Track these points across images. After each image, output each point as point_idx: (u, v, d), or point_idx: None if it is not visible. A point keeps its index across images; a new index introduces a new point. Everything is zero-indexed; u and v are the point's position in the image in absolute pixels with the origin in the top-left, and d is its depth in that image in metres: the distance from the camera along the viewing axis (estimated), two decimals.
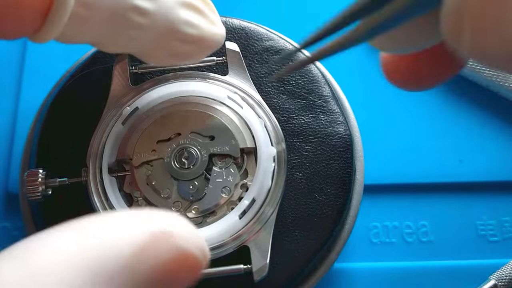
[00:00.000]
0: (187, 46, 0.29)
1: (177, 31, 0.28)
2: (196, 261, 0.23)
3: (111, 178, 0.32)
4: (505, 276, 0.35)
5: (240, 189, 0.32)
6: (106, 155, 0.32)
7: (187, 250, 0.22)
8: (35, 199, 0.31)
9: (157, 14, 0.27)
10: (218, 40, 0.31)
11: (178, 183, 0.31)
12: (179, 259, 0.22)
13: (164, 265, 0.22)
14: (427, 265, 0.37)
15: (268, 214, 0.30)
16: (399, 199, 0.39)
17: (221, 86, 0.33)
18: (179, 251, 0.22)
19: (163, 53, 0.29)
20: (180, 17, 0.28)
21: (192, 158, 0.32)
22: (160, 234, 0.22)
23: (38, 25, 0.25)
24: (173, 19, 0.28)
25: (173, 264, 0.22)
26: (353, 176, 0.34)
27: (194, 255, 0.22)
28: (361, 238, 0.38)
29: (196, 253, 0.23)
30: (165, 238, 0.22)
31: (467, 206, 0.39)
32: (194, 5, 0.29)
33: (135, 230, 0.21)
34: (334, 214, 0.32)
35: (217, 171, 0.32)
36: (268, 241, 0.30)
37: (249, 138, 0.32)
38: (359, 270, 0.37)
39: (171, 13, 0.28)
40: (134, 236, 0.21)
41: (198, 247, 0.23)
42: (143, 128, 0.32)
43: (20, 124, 0.41)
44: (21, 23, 0.25)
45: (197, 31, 0.29)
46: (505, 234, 0.38)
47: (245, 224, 0.30)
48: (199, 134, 0.32)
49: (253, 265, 0.29)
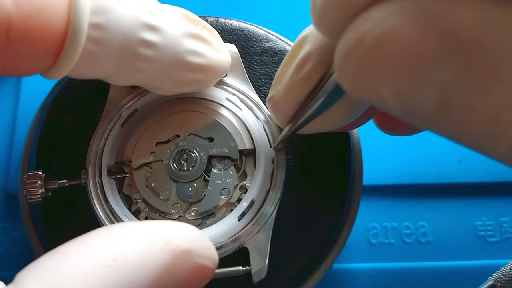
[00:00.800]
0: (194, 75, 0.30)
1: (184, 61, 0.29)
2: (209, 272, 0.25)
3: (110, 180, 0.32)
4: (504, 276, 0.35)
5: (239, 190, 0.32)
6: (106, 157, 0.32)
7: (204, 265, 0.25)
8: (35, 201, 0.31)
9: (164, 46, 0.28)
10: (224, 67, 0.31)
11: (177, 185, 0.32)
12: (198, 275, 0.24)
13: (184, 281, 0.24)
14: (426, 265, 0.38)
15: (267, 216, 0.30)
16: (398, 200, 0.39)
17: (220, 88, 0.33)
18: (198, 267, 0.24)
19: (171, 83, 0.30)
20: (187, 47, 0.29)
21: (191, 160, 0.32)
22: (180, 253, 0.24)
23: (51, 63, 0.26)
24: (180, 50, 0.28)
25: (191, 279, 0.24)
26: (352, 177, 0.34)
27: (208, 268, 0.25)
28: (360, 239, 0.38)
29: (210, 265, 0.25)
30: (186, 257, 0.24)
31: (466, 207, 0.39)
32: (199, 35, 0.29)
33: (157, 249, 0.23)
34: (333, 215, 0.32)
35: (216, 172, 0.32)
36: (267, 242, 0.30)
37: (248, 139, 0.32)
38: (358, 271, 0.37)
39: (177, 45, 0.28)
40: (157, 257, 0.23)
41: (212, 260, 0.25)
42: (142, 130, 0.32)
43: (19, 124, 0.41)
44: (34, 62, 0.26)
45: (204, 60, 0.30)
46: (504, 235, 0.38)
47: (244, 225, 0.30)
48: (198, 135, 0.32)
49: (252, 266, 0.29)
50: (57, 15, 0.25)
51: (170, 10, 0.29)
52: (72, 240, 0.24)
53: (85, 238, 0.24)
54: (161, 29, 0.27)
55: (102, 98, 0.33)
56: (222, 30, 0.36)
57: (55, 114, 0.34)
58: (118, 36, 0.26)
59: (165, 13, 0.28)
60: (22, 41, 0.24)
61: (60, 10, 0.25)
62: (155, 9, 0.28)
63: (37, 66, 0.26)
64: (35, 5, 0.24)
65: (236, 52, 0.33)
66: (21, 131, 0.41)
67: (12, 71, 0.26)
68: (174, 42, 0.28)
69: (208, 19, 0.36)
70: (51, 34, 0.25)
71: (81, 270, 0.22)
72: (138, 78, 0.29)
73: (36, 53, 0.25)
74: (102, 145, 0.32)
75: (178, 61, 0.29)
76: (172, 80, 0.29)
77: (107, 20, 0.26)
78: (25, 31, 0.24)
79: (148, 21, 0.27)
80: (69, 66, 0.26)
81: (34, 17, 0.24)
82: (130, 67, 0.28)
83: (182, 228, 0.25)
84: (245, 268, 0.30)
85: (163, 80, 0.29)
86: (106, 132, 0.32)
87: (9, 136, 0.41)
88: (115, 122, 0.32)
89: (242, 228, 0.30)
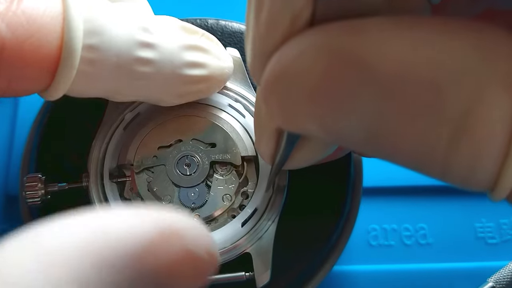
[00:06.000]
0: (196, 86, 0.30)
1: (184, 75, 0.29)
2: (204, 265, 0.23)
3: (112, 183, 0.32)
4: (503, 278, 0.35)
5: (241, 196, 0.32)
6: (108, 161, 0.32)
7: (196, 253, 0.23)
8: (35, 204, 0.31)
9: (161, 61, 0.28)
10: (226, 74, 0.31)
11: (179, 190, 0.31)
12: (186, 262, 0.22)
13: (170, 264, 0.22)
14: (425, 267, 0.38)
15: (270, 222, 0.30)
16: (398, 201, 0.39)
17: (223, 93, 0.33)
18: (187, 253, 0.22)
19: (173, 96, 0.30)
20: (185, 60, 0.29)
21: (193, 165, 0.32)
22: (169, 234, 0.22)
23: (47, 83, 0.26)
24: (178, 64, 0.28)
25: (179, 265, 0.22)
26: (352, 179, 0.34)
27: (202, 259, 0.23)
28: (360, 241, 0.39)
29: (205, 257, 0.23)
30: (175, 238, 0.22)
31: (465, 209, 0.39)
32: (197, 45, 0.29)
33: (144, 225, 0.22)
34: (333, 218, 0.32)
35: (218, 178, 0.32)
36: (270, 248, 0.30)
37: (250, 146, 0.32)
38: (358, 273, 0.38)
39: (175, 58, 0.28)
40: (144, 232, 0.22)
41: (208, 251, 0.23)
42: (144, 134, 0.32)
43: (19, 125, 0.41)
44: (29, 83, 0.26)
45: (204, 70, 0.30)
46: (504, 237, 0.38)
47: (246, 231, 0.30)
48: (200, 141, 0.32)
49: (255, 272, 0.30)
50: (51, 37, 0.25)
51: (166, 23, 0.29)
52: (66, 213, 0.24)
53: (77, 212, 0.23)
54: (156, 45, 0.27)
55: (103, 101, 0.33)
56: (223, 33, 0.35)
57: (55, 116, 0.34)
58: (113, 56, 0.26)
59: (161, 27, 0.28)
60: (15, 63, 0.25)
61: (54, 33, 0.25)
62: (150, 24, 0.28)
63: (32, 87, 0.27)
64: (28, 28, 0.24)
65: (238, 57, 0.33)
66: (21, 132, 0.40)
67: (7, 92, 0.26)
68: (172, 57, 0.28)
69: (208, 21, 0.36)
70: (45, 56, 0.25)
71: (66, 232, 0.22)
72: (138, 94, 0.29)
73: (30, 74, 0.26)
74: (104, 148, 0.32)
75: (177, 75, 0.29)
76: (174, 93, 0.29)
77: (101, 42, 0.26)
78: (19, 53, 0.25)
79: (143, 39, 0.27)
80: (65, 87, 0.26)
81: (27, 40, 0.25)
82: (128, 86, 0.28)
83: (179, 213, 0.24)
84: (248, 273, 0.30)
85: (164, 94, 0.29)
86: (108, 135, 0.32)
87: (9, 137, 0.40)
88: (117, 125, 0.32)
89: (244, 233, 0.30)
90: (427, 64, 0.16)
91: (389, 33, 0.16)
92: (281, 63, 0.17)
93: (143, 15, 0.28)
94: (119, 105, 0.33)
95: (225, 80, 0.32)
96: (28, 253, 0.21)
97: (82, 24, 0.25)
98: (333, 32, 0.17)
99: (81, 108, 0.34)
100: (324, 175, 0.33)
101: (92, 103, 0.33)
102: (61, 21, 0.25)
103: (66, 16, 0.25)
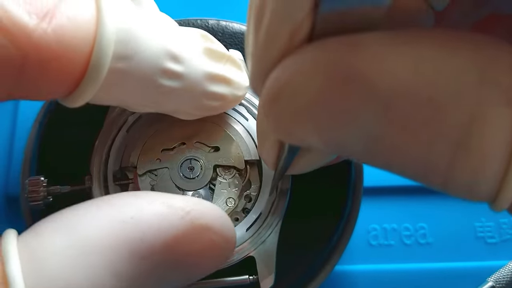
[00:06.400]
0: (210, 111, 0.31)
1: (202, 104, 0.29)
2: (224, 252, 0.26)
3: (115, 186, 0.31)
4: (503, 278, 0.35)
5: (244, 199, 0.32)
6: (111, 163, 0.32)
7: (219, 243, 0.26)
8: (37, 207, 0.31)
9: (183, 90, 0.28)
10: (241, 99, 0.32)
11: (183, 193, 0.31)
12: (210, 251, 0.25)
13: (198, 254, 0.25)
14: (425, 267, 0.38)
15: (273, 225, 0.31)
16: (398, 201, 0.40)
17: None
18: (212, 243, 0.25)
19: (187, 115, 0.30)
20: (207, 90, 0.29)
21: (197, 168, 0.32)
22: (199, 226, 0.25)
23: (68, 93, 0.26)
24: (200, 93, 0.29)
25: (204, 254, 0.25)
26: (353, 179, 0.34)
27: (223, 247, 0.26)
28: (360, 241, 0.39)
29: (226, 245, 0.26)
30: (204, 230, 0.25)
31: (465, 208, 0.39)
32: (221, 76, 0.29)
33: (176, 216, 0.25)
34: (334, 220, 0.32)
35: (222, 181, 0.32)
36: (273, 251, 0.30)
37: (253, 150, 0.32)
38: (358, 272, 0.38)
39: (198, 88, 0.28)
40: (175, 222, 0.24)
41: (229, 239, 0.26)
42: (148, 136, 0.32)
43: (19, 126, 0.41)
44: (49, 94, 0.26)
45: (223, 101, 0.30)
46: (504, 236, 0.39)
47: (250, 235, 0.30)
48: (204, 144, 0.32)
49: (259, 276, 0.30)
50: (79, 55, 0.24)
51: (193, 44, 0.29)
52: (93, 199, 0.26)
53: (106, 197, 0.26)
54: (182, 74, 0.27)
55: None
56: (223, 33, 0.35)
57: (56, 118, 0.34)
58: (136, 80, 0.26)
59: (188, 51, 0.28)
60: (36, 81, 0.24)
61: (83, 50, 0.24)
62: (178, 48, 0.27)
63: (50, 97, 0.26)
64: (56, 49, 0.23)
65: (241, 59, 0.33)
66: (21, 132, 0.40)
67: (24, 98, 0.26)
68: (195, 86, 0.28)
69: (209, 21, 0.36)
70: (69, 75, 0.25)
71: (98, 222, 0.24)
72: (155, 109, 0.29)
73: (50, 89, 0.25)
74: (107, 150, 0.32)
75: (196, 103, 0.29)
76: (188, 114, 0.30)
77: (127, 66, 0.26)
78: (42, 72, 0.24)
79: (169, 67, 0.27)
80: (85, 99, 0.26)
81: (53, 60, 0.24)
82: (146, 105, 0.28)
83: (206, 204, 0.26)
84: (252, 277, 0.30)
85: (180, 113, 0.30)
86: (111, 138, 0.32)
87: (9, 138, 0.40)
88: (120, 127, 0.32)
89: (248, 237, 0.30)
90: (427, 82, 0.16)
91: (389, 48, 0.16)
92: (279, 80, 0.17)
93: (172, 33, 0.28)
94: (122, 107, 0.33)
95: (238, 103, 0.32)
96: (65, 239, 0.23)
97: (112, 48, 0.25)
98: (331, 47, 0.17)
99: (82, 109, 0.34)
100: (325, 178, 0.33)
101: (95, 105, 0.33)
102: (92, 41, 0.24)
103: (98, 38, 0.24)
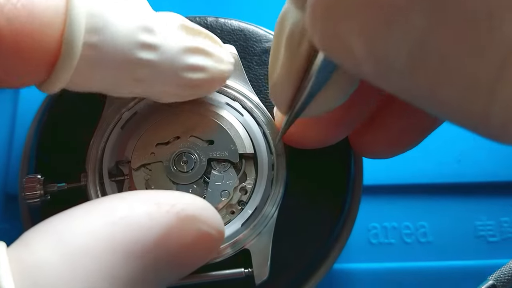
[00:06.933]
0: (195, 88, 0.30)
1: (184, 77, 0.29)
2: (214, 242, 0.26)
3: (111, 183, 0.31)
4: (504, 276, 0.35)
5: (239, 192, 0.31)
6: (106, 160, 0.32)
7: (207, 232, 0.25)
8: (34, 204, 0.31)
9: (161, 63, 0.28)
10: (226, 75, 0.31)
11: (177, 186, 0.31)
12: (200, 241, 0.25)
13: (188, 245, 0.25)
14: (426, 265, 0.38)
15: (268, 218, 0.30)
16: (398, 199, 0.39)
17: (220, 92, 0.33)
18: (201, 233, 0.25)
19: (171, 95, 0.30)
20: (186, 63, 0.28)
21: (191, 162, 0.32)
22: (185, 217, 0.25)
23: (45, 77, 0.26)
24: (179, 67, 0.28)
25: (195, 245, 0.25)
26: (352, 177, 0.34)
27: (213, 237, 0.26)
28: (360, 239, 0.39)
29: (214, 234, 0.26)
30: (190, 221, 0.25)
31: (466, 207, 0.39)
32: (199, 48, 0.29)
33: (162, 211, 0.24)
34: (333, 216, 0.32)
35: (216, 174, 0.32)
36: (269, 244, 0.30)
37: (249, 143, 0.32)
38: (358, 271, 0.38)
39: (176, 61, 0.28)
40: (162, 218, 0.24)
41: (216, 228, 0.26)
42: (142, 131, 0.32)
43: (18, 124, 0.41)
44: (27, 75, 0.26)
45: (205, 74, 0.29)
46: (504, 235, 0.38)
47: (245, 228, 0.30)
48: (198, 138, 0.32)
49: (254, 268, 0.30)
50: (51, 33, 0.25)
51: (169, 21, 0.29)
52: (82, 204, 0.25)
53: (93, 201, 0.25)
54: (158, 46, 0.27)
55: (102, 100, 0.33)
56: (222, 30, 0.35)
57: (54, 116, 0.34)
58: (113, 55, 0.26)
59: (164, 26, 0.28)
60: (12, 56, 0.24)
61: (54, 29, 0.25)
62: (153, 23, 0.27)
63: (29, 79, 0.26)
64: (27, 22, 0.24)
65: (235, 54, 0.33)
66: (20, 131, 0.40)
67: (3, 83, 0.26)
68: (173, 59, 0.28)
69: (208, 19, 0.36)
70: (44, 52, 0.25)
71: (88, 226, 0.23)
72: (137, 92, 0.29)
73: (27, 68, 0.25)
74: (102, 147, 0.32)
75: (177, 78, 0.28)
76: (172, 94, 0.29)
77: (102, 40, 0.26)
78: (16, 46, 0.24)
79: (145, 39, 0.27)
80: (62, 82, 0.26)
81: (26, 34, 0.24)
82: (127, 84, 0.28)
83: (188, 195, 0.26)
84: (247, 270, 0.30)
85: (163, 94, 0.29)
86: (106, 134, 0.32)
87: (8, 136, 0.40)
88: (115, 124, 0.32)
89: (243, 230, 0.30)
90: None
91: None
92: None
93: (146, 12, 0.28)
94: (117, 104, 0.33)
95: (223, 82, 0.31)
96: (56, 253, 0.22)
97: (84, 21, 0.25)
98: None
99: (79, 107, 0.34)
100: (324, 171, 0.32)
101: (90, 103, 0.33)
102: (63, 16, 0.25)
103: (69, 12, 0.25)
